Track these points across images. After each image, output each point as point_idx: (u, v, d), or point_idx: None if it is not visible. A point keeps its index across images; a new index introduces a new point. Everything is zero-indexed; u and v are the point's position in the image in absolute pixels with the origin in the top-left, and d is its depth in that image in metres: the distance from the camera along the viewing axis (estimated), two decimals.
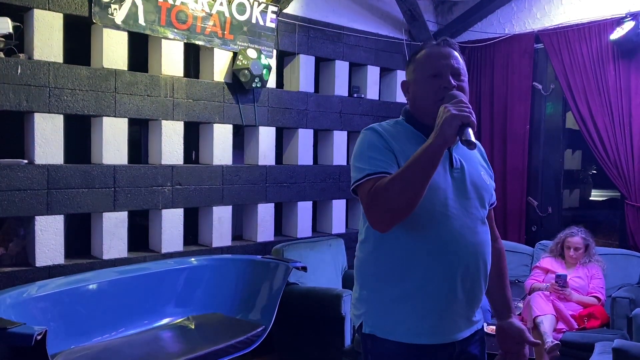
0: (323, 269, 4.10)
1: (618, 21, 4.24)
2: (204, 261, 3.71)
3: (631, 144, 4.28)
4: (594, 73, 4.44)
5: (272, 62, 4.17)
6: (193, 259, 3.71)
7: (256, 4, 4.02)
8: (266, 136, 4.25)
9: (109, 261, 3.48)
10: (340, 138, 4.76)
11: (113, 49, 3.45)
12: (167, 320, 3.42)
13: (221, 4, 3.85)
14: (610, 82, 4.36)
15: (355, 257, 1.65)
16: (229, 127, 4.05)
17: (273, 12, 4.14)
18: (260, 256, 3.86)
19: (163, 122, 3.70)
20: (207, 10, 3.79)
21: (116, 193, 3.49)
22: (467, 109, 1.39)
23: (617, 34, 4.21)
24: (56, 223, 3.28)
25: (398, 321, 1.52)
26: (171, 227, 3.77)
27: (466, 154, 1.60)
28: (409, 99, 1.65)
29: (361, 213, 1.60)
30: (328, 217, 4.75)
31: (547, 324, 3.47)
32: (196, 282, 3.60)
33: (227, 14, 3.90)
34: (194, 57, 4.09)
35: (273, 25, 4.16)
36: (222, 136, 4.00)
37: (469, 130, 1.38)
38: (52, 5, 3.20)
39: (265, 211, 4.28)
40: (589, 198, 7.84)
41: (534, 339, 1.73)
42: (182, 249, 3.85)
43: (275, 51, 4.23)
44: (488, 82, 5.12)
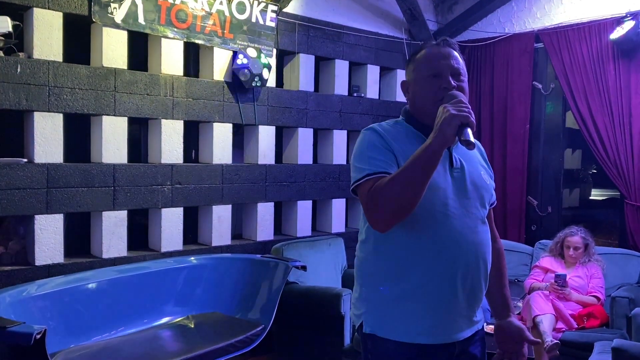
0: (323, 268, 4.10)
1: (618, 21, 4.24)
2: (204, 260, 3.71)
3: (631, 144, 4.27)
4: (594, 72, 4.44)
5: (272, 61, 4.17)
6: (192, 258, 3.71)
7: (256, 3, 4.01)
8: (266, 135, 4.25)
9: (109, 260, 3.49)
10: (340, 137, 4.76)
11: (113, 48, 3.44)
12: (167, 319, 3.42)
13: (221, 3, 3.85)
14: (610, 82, 4.35)
15: (355, 257, 1.65)
16: (229, 126, 4.04)
17: (273, 11, 4.14)
18: (259, 255, 3.86)
19: (163, 121, 3.70)
20: (207, 9, 3.78)
21: (116, 192, 3.49)
22: (467, 109, 1.40)
23: (617, 34, 4.20)
24: (56, 222, 3.28)
25: (398, 321, 1.52)
26: (171, 226, 3.77)
27: (466, 154, 1.60)
28: (409, 99, 1.65)
29: (361, 213, 1.60)
30: (328, 216, 4.75)
31: (547, 324, 3.47)
32: (196, 281, 3.60)
33: (227, 13, 3.89)
34: (194, 56, 4.09)
35: (273, 24, 4.16)
36: (222, 135, 4.00)
37: (468, 130, 1.38)
38: (52, 4, 3.20)
39: (265, 210, 4.28)
40: (589, 197, 7.84)
41: (534, 338, 1.73)
42: (182, 248, 3.85)
43: (275, 50, 4.22)
44: (488, 82, 5.11)
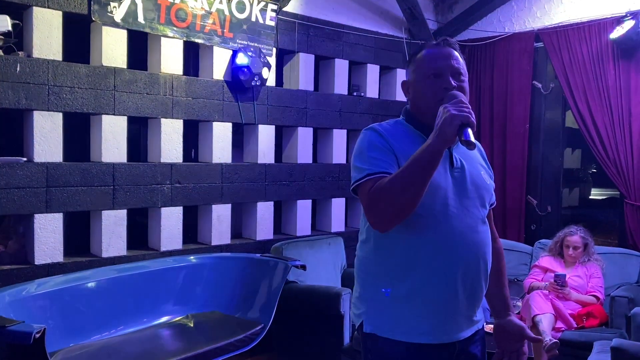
0: (322, 268, 4.10)
1: (618, 20, 4.24)
2: (203, 259, 3.71)
3: (631, 143, 4.27)
4: (594, 72, 4.43)
5: (272, 61, 4.17)
6: (192, 257, 3.70)
7: (256, 2, 4.01)
8: (265, 134, 4.25)
9: (108, 259, 3.48)
10: (339, 136, 4.76)
11: (112, 47, 3.44)
12: (166, 318, 3.42)
13: (220, 2, 3.84)
14: (610, 81, 4.35)
15: (355, 257, 1.65)
16: (229, 126, 4.04)
17: (273, 10, 4.13)
18: (259, 254, 3.86)
19: (162, 120, 3.69)
20: (207, 8, 3.78)
21: (115, 191, 3.49)
22: (467, 109, 1.40)
23: (617, 33, 4.20)
24: (55, 221, 3.28)
25: (399, 320, 1.52)
26: (170, 225, 3.77)
27: (466, 154, 1.60)
28: (409, 99, 1.65)
29: (361, 212, 1.60)
30: (327, 216, 4.75)
31: (546, 323, 3.47)
32: (195, 281, 3.60)
33: (227, 12, 3.89)
34: (194, 55, 4.09)
35: (273, 23, 4.15)
36: (222, 134, 4.00)
37: (469, 130, 1.38)
38: (52, 3, 3.20)
39: (264, 209, 4.28)
40: (589, 197, 7.84)
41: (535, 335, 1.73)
42: (181, 247, 3.85)
43: (274, 49, 4.22)
44: (488, 81, 5.11)
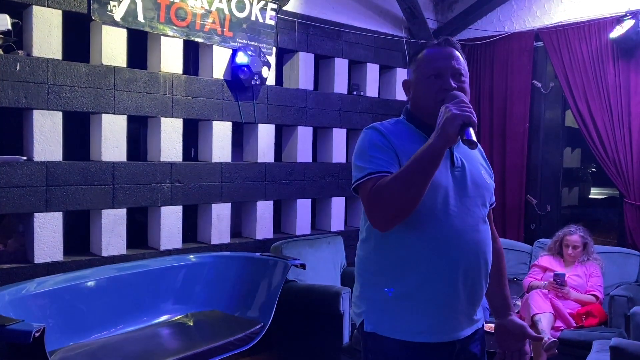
0: (322, 267, 4.10)
1: (618, 19, 4.24)
2: (203, 258, 3.71)
3: (630, 143, 4.28)
4: (594, 71, 4.44)
5: (272, 60, 4.17)
6: (192, 256, 3.71)
7: (255, 1, 4.01)
8: (265, 133, 4.25)
9: (108, 258, 3.49)
10: (339, 135, 4.76)
11: (112, 46, 3.44)
12: (166, 317, 3.42)
13: (220, 1, 3.84)
14: (609, 81, 4.35)
15: (356, 256, 1.65)
16: (228, 125, 4.04)
17: (272, 10, 4.13)
18: (259, 254, 3.86)
19: (162, 119, 3.69)
20: (207, 7, 3.78)
21: (115, 190, 3.49)
22: (469, 109, 1.40)
23: (617, 33, 4.20)
24: (55, 220, 3.28)
25: (399, 319, 1.52)
26: (170, 224, 3.77)
27: (467, 153, 1.60)
28: (410, 98, 1.65)
29: (362, 211, 1.59)
30: (327, 215, 4.75)
31: (545, 322, 3.48)
32: (195, 280, 3.60)
33: (227, 11, 3.89)
34: (193, 54, 4.09)
35: (272, 22, 4.15)
36: (221, 133, 4.00)
37: (470, 130, 1.38)
38: (51, 2, 3.19)
39: (264, 208, 4.28)
40: (588, 196, 7.85)
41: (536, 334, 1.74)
42: (181, 246, 3.85)
43: (274, 48, 4.22)
44: (488, 80, 5.11)
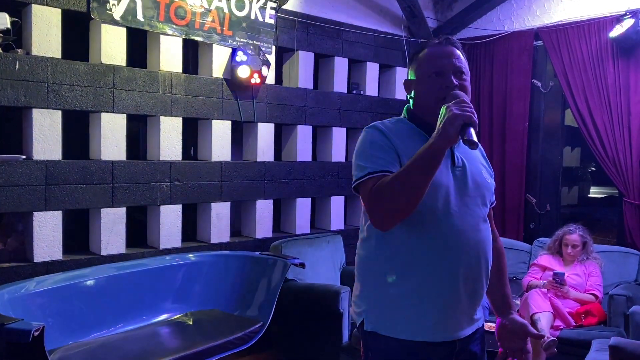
0: (321, 266, 4.10)
1: (617, 19, 4.23)
2: (202, 257, 3.71)
3: (630, 142, 4.28)
4: (593, 71, 4.43)
5: (271, 58, 4.17)
6: (191, 255, 3.71)
7: (255, 0, 4.01)
8: (265, 132, 4.25)
9: (107, 257, 3.48)
10: (339, 134, 4.75)
11: (111, 45, 3.44)
12: (165, 316, 3.42)
13: (220, 0, 3.84)
14: (609, 80, 4.35)
15: (356, 255, 1.65)
16: (228, 123, 4.04)
17: (272, 8, 4.13)
18: (258, 252, 3.86)
19: (161, 118, 3.69)
20: (206, 6, 3.78)
21: (114, 189, 3.49)
22: (470, 109, 1.39)
23: (617, 32, 4.20)
24: (54, 219, 3.28)
25: (400, 318, 1.52)
26: (169, 223, 3.77)
27: (467, 153, 1.60)
28: (411, 98, 1.65)
29: (362, 211, 1.59)
30: (327, 214, 4.75)
31: (545, 321, 3.48)
32: (194, 278, 3.60)
33: (226, 10, 3.88)
34: (193, 53, 4.09)
35: (272, 21, 4.15)
36: (221, 132, 4.00)
37: (471, 130, 1.38)
38: (50, 0, 3.19)
39: (263, 207, 4.28)
40: (588, 195, 7.86)
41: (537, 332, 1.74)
42: (181, 245, 3.84)
43: (274, 47, 4.22)
44: (487, 79, 5.11)
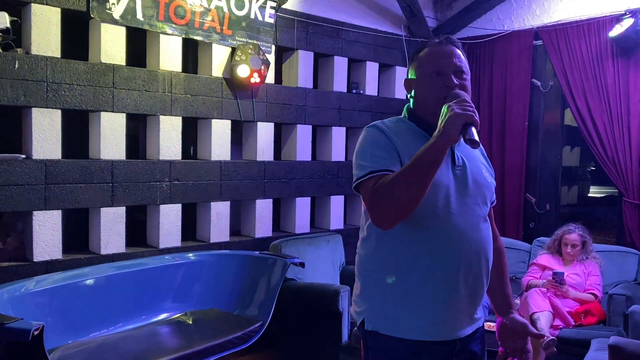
0: (321, 265, 4.10)
1: (617, 18, 4.23)
2: (202, 257, 3.71)
3: (629, 141, 4.28)
4: (593, 70, 4.43)
5: (271, 58, 4.17)
6: (191, 255, 3.71)
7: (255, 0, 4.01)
8: (264, 132, 4.25)
9: (107, 256, 3.49)
10: (338, 134, 4.75)
11: (111, 44, 3.44)
12: (165, 315, 3.42)
13: (220, 0, 3.84)
14: (609, 80, 4.35)
15: (356, 254, 1.65)
16: (228, 123, 4.04)
17: (272, 8, 4.13)
18: (258, 252, 3.86)
19: (161, 118, 3.69)
20: (206, 5, 3.77)
21: (114, 188, 3.49)
22: (471, 108, 1.39)
23: (616, 31, 4.20)
24: (54, 218, 3.28)
25: (400, 318, 1.52)
26: (169, 223, 3.77)
27: (468, 152, 1.60)
28: (412, 97, 1.65)
29: (363, 210, 1.59)
30: (326, 213, 4.75)
31: (544, 321, 3.48)
32: (194, 278, 3.60)
33: (226, 9, 3.88)
34: (193, 53, 4.09)
35: (272, 20, 4.15)
36: (221, 132, 4.00)
37: (473, 129, 1.38)
38: None
39: (263, 207, 4.28)
40: (587, 195, 7.87)
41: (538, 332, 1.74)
42: (180, 245, 3.85)
43: (273, 47, 4.21)
44: (487, 79, 5.11)
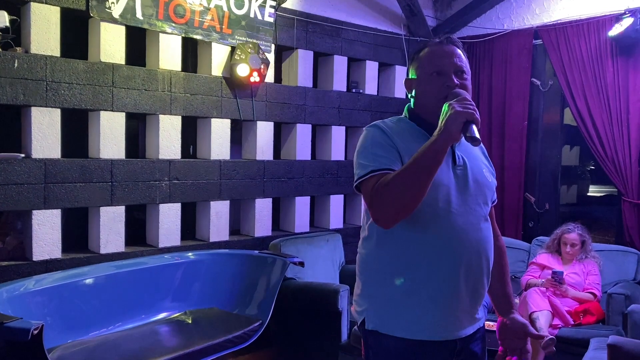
0: (320, 264, 4.10)
1: (617, 17, 4.23)
2: (201, 256, 3.71)
3: (629, 141, 4.28)
4: (592, 69, 4.44)
5: (271, 57, 4.16)
6: (190, 254, 3.70)
7: None
8: (264, 131, 4.24)
9: (106, 255, 3.48)
10: (338, 133, 4.75)
11: (110, 43, 3.43)
12: (164, 314, 3.42)
13: None
14: (608, 79, 4.36)
15: (357, 254, 1.65)
16: (227, 122, 4.04)
17: (271, 7, 4.12)
18: (257, 251, 3.86)
19: (161, 117, 3.69)
20: (205, 4, 3.77)
21: (113, 187, 3.49)
22: (472, 106, 1.40)
23: (616, 31, 4.20)
24: (53, 217, 3.27)
25: (401, 317, 1.52)
26: (168, 222, 3.77)
27: (469, 152, 1.60)
28: (412, 97, 1.65)
29: (364, 209, 1.59)
30: (326, 212, 4.75)
31: (543, 320, 3.49)
32: (193, 277, 3.60)
33: (225, 8, 3.88)
34: (192, 52, 4.08)
35: (271, 19, 4.15)
36: (220, 131, 3.99)
37: (474, 127, 1.39)
38: None
39: (263, 206, 4.28)
40: (586, 194, 7.87)
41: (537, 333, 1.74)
42: (180, 244, 3.85)
43: (273, 46, 4.21)
44: (487, 78, 5.11)
